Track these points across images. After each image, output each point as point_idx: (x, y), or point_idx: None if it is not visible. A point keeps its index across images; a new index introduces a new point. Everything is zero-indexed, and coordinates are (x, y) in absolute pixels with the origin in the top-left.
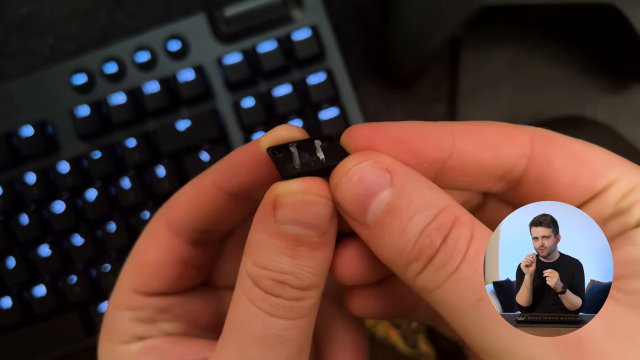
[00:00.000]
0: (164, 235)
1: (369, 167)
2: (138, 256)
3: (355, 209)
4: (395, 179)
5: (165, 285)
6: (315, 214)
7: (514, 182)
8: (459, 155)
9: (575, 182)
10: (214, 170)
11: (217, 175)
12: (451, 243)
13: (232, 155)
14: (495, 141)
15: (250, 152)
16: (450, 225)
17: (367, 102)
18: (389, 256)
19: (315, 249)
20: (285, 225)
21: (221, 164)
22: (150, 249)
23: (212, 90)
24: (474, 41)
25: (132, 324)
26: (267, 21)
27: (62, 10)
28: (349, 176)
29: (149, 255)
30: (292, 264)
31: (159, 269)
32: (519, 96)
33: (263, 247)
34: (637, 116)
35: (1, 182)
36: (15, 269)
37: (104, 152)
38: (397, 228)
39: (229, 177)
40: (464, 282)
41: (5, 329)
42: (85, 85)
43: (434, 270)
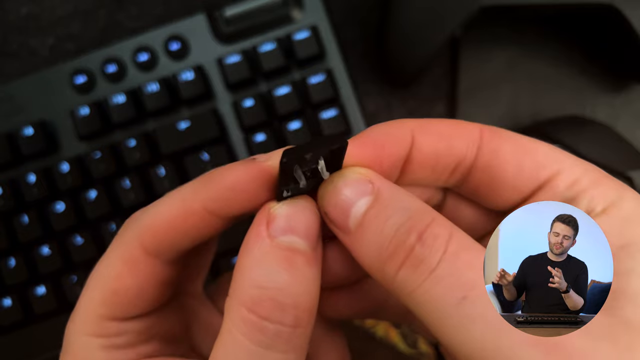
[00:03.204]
0: (141, 261)
1: (352, 177)
2: (110, 282)
3: (338, 215)
4: (375, 187)
5: (145, 308)
6: (306, 222)
7: (466, 174)
8: (418, 148)
9: (519, 172)
10: (205, 191)
11: (210, 202)
12: (428, 241)
13: (226, 176)
14: (448, 133)
15: (255, 172)
16: (426, 224)
17: (367, 102)
18: (368, 259)
19: (309, 263)
20: (279, 237)
21: (212, 187)
22: (125, 275)
23: (212, 90)
24: (474, 41)
25: (108, 352)
26: (267, 21)
27: (63, 11)
28: (334, 184)
29: (126, 282)
30: (288, 278)
31: (138, 294)
32: (518, 96)
33: (257, 265)
34: (636, 116)
35: (2, 182)
36: (16, 269)
37: (105, 152)
38: (375, 229)
39: (225, 204)
40: (444, 281)
41: (5, 328)
42: (86, 86)
43: (412, 268)
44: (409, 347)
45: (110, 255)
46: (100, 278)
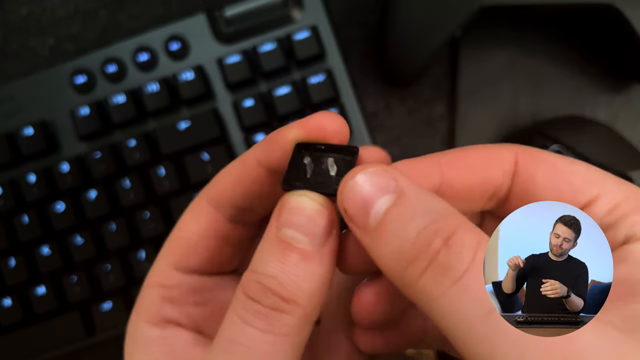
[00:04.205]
0: (204, 210)
1: (375, 173)
2: (178, 231)
3: (358, 211)
4: (400, 185)
5: (204, 260)
6: (309, 217)
7: (503, 200)
8: (449, 183)
9: (557, 197)
10: (256, 147)
11: (258, 152)
12: (454, 247)
13: (272, 134)
14: (480, 164)
15: (282, 136)
16: (453, 229)
17: (366, 102)
18: (387, 261)
19: (305, 259)
20: (282, 229)
21: (262, 142)
22: (190, 223)
23: (213, 90)
24: (473, 41)
25: (162, 303)
26: (267, 21)
27: (63, 11)
28: (356, 179)
29: (189, 229)
30: (278, 268)
31: (199, 242)
32: (518, 96)
33: (259, 252)
34: (636, 116)
35: (2, 182)
36: (16, 269)
37: (105, 152)
38: (397, 230)
39: (267, 154)
40: (471, 292)
41: (6, 328)
42: (86, 86)
43: (436, 275)
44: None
45: (186, 210)
46: (174, 229)
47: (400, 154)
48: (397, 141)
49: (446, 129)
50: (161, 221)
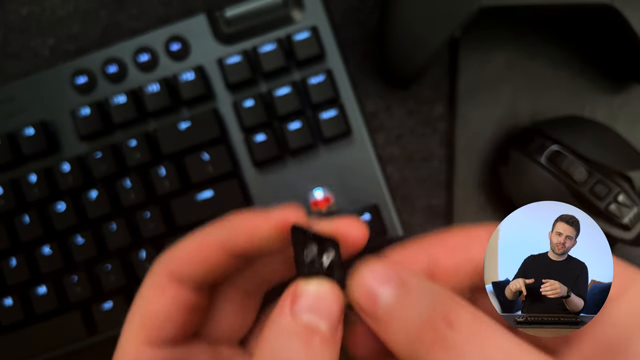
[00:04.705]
0: (167, 285)
1: (379, 266)
2: (144, 307)
3: (368, 303)
4: (401, 277)
5: (173, 332)
6: (331, 304)
7: None
8: (436, 265)
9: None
10: (219, 229)
11: (223, 237)
12: (455, 325)
13: (239, 219)
14: (462, 245)
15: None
16: (452, 310)
17: (366, 103)
18: (398, 344)
19: (326, 343)
20: (302, 315)
21: (227, 225)
22: (155, 298)
23: (213, 90)
24: (473, 42)
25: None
26: (267, 22)
27: (63, 11)
28: (363, 272)
29: (155, 305)
30: (303, 352)
31: (167, 317)
32: (517, 96)
33: (277, 338)
34: (635, 116)
35: (3, 182)
36: (17, 269)
37: (105, 152)
38: (403, 317)
39: (233, 241)
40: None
41: (7, 328)
42: (86, 86)
43: (442, 349)
44: None
45: (142, 287)
46: (136, 308)
47: (400, 154)
48: (397, 141)
49: (445, 129)
50: (162, 221)
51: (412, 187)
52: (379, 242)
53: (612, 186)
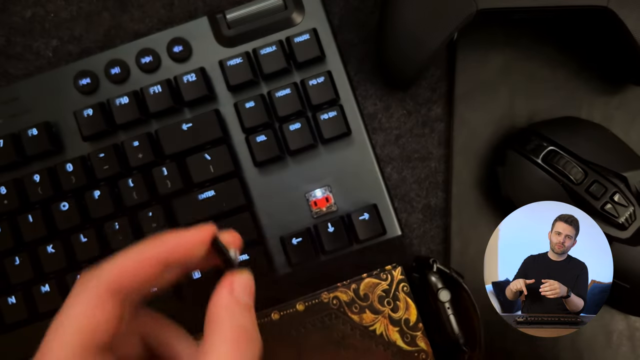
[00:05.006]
0: (107, 299)
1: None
2: (82, 316)
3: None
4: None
5: (105, 342)
6: (252, 285)
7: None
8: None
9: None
10: (156, 246)
11: (162, 252)
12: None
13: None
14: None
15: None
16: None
17: (365, 104)
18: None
19: (253, 311)
20: (239, 296)
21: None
22: (96, 311)
23: (214, 92)
24: (470, 43)
25: None
26: (268, 25)
27: (66, 13)
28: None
29: (97, 317)
30: (250, 320)
31: (105, 328)
32: (514, 98)
33: (230, 313)
34: (632, 117)
35: (7, 182)
36: (21, 268)
37: (108, 152)
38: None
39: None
40: None
41: (10, 326)
42: (90, 87)
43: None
44: (407, 344)
45: (76, 297)
46: (71, 316)
47: (398, 154)
48: (396, 141)
49: (444, 130)
50: (164, 220)
51: (410, 187)
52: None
53: (608, 186)
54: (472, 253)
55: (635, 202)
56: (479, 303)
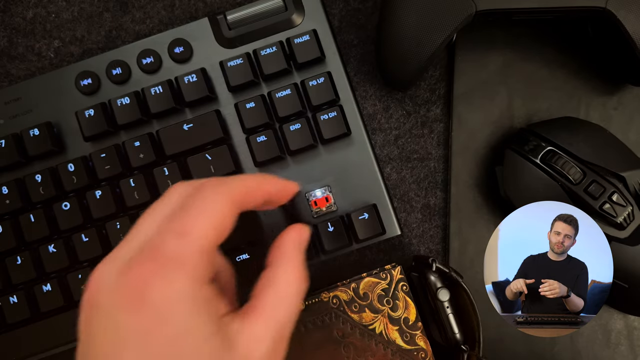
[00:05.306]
0: (231, 212)
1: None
2: (217, 215)
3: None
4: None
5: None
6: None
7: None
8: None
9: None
10: (265, 181)
11: (270, 187)
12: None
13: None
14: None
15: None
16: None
17: (365, 104)
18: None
19: None
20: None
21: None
22: (228, 215)
23: (215, 92)
24: (469, 45)
25: (209, 267)
26: (268, 26)
27: (68, 14)
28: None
29: (228, 220)
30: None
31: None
32: (513, 98)
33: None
34: (630, 117)
35: (9, 182)
36: (22, 267)
37: (109, 153)
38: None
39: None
40: None
41: (12, 325)
42: (91, 88)
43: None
44: (407, 343)
45: (212, 198)
46: (205, 212)
47: (398, 154)
48: (395, 142)
49: (443, 130)
50: None
51: (409, 187)
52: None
53: (606, 186)
54: (471, 252)
55: (634, 202)
56: (478, 302)
